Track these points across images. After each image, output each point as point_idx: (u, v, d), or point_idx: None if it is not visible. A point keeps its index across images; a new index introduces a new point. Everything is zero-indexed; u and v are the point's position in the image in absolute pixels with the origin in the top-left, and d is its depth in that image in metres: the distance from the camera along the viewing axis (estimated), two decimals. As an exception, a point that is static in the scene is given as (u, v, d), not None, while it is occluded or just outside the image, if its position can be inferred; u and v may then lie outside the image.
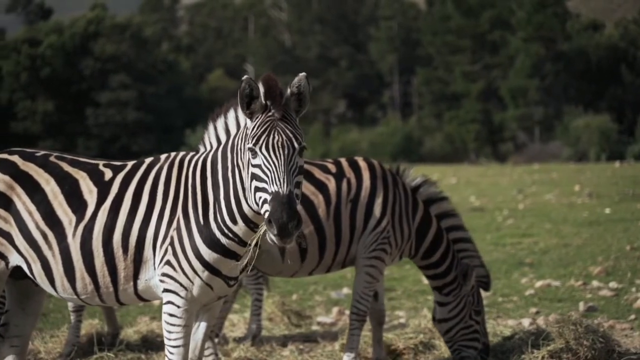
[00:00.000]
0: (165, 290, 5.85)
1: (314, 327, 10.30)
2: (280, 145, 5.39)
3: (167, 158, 6.08)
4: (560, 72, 62.47)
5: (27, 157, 6.21)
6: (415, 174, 8.26)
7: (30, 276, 6.10)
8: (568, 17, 65.06)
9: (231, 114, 5.90)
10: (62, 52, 68.27)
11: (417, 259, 8.21)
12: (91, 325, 9.47)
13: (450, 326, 8.15)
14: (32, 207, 6.00)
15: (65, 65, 68.27)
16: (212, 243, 5.74)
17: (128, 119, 65.35)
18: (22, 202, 6.03)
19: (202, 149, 6.03)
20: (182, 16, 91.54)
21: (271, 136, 5.40)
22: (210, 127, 6.01)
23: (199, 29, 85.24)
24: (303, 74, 5.71)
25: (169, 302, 5.85)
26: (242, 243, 5.76)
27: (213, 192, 5.78)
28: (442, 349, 8.60)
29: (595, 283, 12.26)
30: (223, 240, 5.73)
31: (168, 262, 5.79)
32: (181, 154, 6.08)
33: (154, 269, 5.87)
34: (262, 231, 5.48)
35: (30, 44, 68.83)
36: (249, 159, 5.44)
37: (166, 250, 5.81)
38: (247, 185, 5.52)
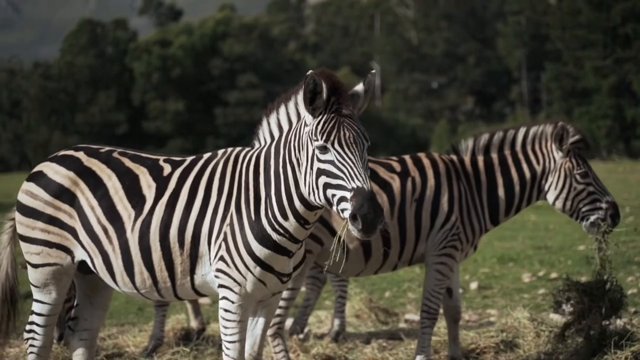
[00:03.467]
0: (220, 286, 5.87)
1: (401, 325, 10.20)
2: (352, 141, 5.39)
3: (223, 153, 6.11)
4: (698, 65, 60.37)
5: (91, 154, 6.33)
6: (466, 142, 8.14)
7: (94, 270, 6.21)
8: None
9: (282, 110, 5.88)
10: (192, 53, 69.69)
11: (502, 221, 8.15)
12: (177, 320, 9.58)
13: (563, 201, 7.98)
14: (95, 203, 6.11)
15: (194, 66, 69.66)
16: (264, 239, 5.73)
17: (256, 118, 65.69)
18: (86, 197, 6.15)
19: (256, 145, 6.03)
20: (309, 15, 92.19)
21: (342, 132, 5.40)
22: (264, 123, 6.01)
23: (325, 27, 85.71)
24: (373, 71, 5.70)
25: (224, 298, 5.87)
26: (293, 239, 5.75)
27: (265, 188, 5.78)
28: (525, 348, 8.39)
29: None
30: (274, 236, 5.72)
31: (222, 258, 5.81)
32: (237, 149, 6.10)
33: (210, 264, 5.90)
34: (345, 228, 5.40)
35: (161, 45, 70.53)
36: (314, 155, 5.42)
37: (220, 246, 5.83)
38: (309, 181, 5.48)
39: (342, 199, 5.28)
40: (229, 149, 6.15)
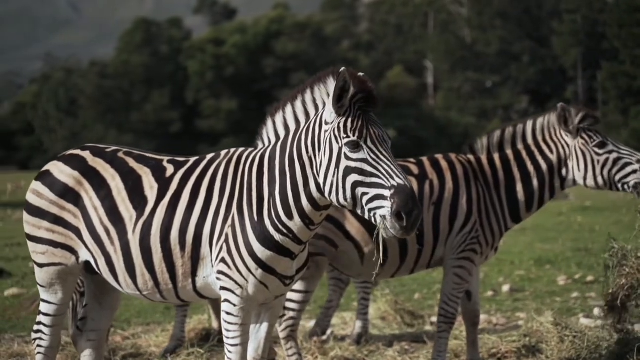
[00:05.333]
0: (222, 288, 5.79)
1: (427, 328, 10.04)
2: (383, 139, 5.33)
3: (226, 154, 6.02)
4: None
5: (96, 153, 6.29)
6: (481, 140, 7.93)
7: (97, 271, 6.17)
8: None
9: (289, 109, 5.79)
10: (245, 52, 69.88)
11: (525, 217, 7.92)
12: (199, 320, 9.53)
13: (593, 178, 7.63)
14: (98, 203, 6.07)
15: (248, 64, 69.83)
16: (266, 240, 5.64)
17: (308, 117, 66.14)
18: (89, 197, 6.11)
19: (260, 145, 5.94)
20: (362, 14, 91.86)
21: (371, 130, 5.32)
22: (269, 123, 5.91)
23: (379, 26, 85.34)
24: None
25: (225, 300, 5.79)
26: (296, 240, 5.65)
27: (269, 187, 5.68)
28: (548, 353, 8.18)
29: None
30: (277, 236, 5.62)
31: (223, 260, 5.73)
32: (240, 149, 6.01)
33: (211, 266, 5.82)
34: (382, 228, 5.21)
35: (215, 44, 70.82)
36: (341, 153, 5.32)
37: (221, 248, 5.74)
38: (332, 180, 5.35)
39: (378, 197, 5.16)
40: (232, 149, 6.06)
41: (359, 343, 9.19)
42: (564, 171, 7.73)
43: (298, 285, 7.48)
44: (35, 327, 6.43)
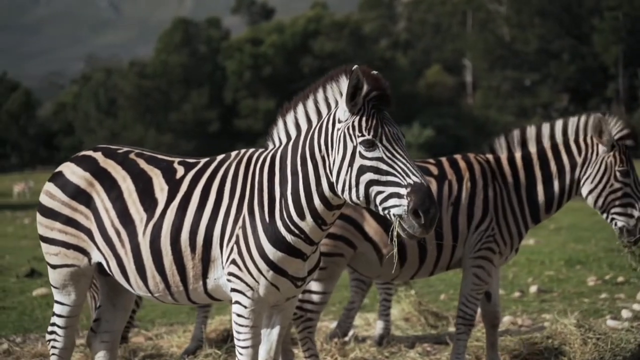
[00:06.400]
0: (233, 290, 5.74)
1: (451, 329, 9.92)
2: (397, 137, 5.27)
3: (237, 155, 5.97)
4: None
5: (108, 154, 6.27)
6: (499, 140, 7.79)
7: (109, 273, 6.15)
8: None
9: (300, 109, 5.73)
10: (283, 51, 69.96)
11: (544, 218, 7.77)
12: (220, 321, 9.51)
13: (596, 196, 7.45)
14: (109, 205, 6.05)
15: (285, 64, 69.91)
16: (277, 241, 5.58)
17: (346, 116, 66.04)
18: (101, 199, 6.09)
19: (270, 146, 5.88)
20: (400, 12, 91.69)
21: (386, 128, 5.26)
22: (280, 123, 5.85)
23: (417, 25, 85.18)
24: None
25: (236, 302, 5.74)
26: (308, 240, 5.59)
27: (280, 188, 5.62)
28: (571, 355, 8.06)
29: None
30: (289, 237, 5.56)
31: (234, 262, 5.68)
32: (251, 150, 5.96)
33: (222, 268, 5.77)
34: (397, 226, 5.15)
35: (253, 43, 70.97)
36: (356, 152, 5.26)
37: (232, 249, 5.69)
38: (345, 178, 5.29)
39: (393, 196, 5.10)
40: (243, 150, 6.01)
41: (380, 344, 9.12)
42: (581, 174, 7.56)
43: (316, 286, 7.43)
44: (49, 329, 6.42)
